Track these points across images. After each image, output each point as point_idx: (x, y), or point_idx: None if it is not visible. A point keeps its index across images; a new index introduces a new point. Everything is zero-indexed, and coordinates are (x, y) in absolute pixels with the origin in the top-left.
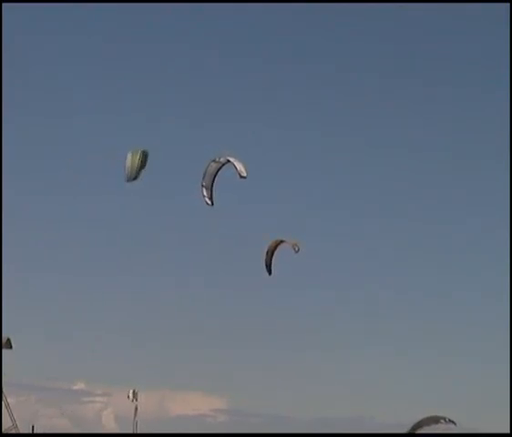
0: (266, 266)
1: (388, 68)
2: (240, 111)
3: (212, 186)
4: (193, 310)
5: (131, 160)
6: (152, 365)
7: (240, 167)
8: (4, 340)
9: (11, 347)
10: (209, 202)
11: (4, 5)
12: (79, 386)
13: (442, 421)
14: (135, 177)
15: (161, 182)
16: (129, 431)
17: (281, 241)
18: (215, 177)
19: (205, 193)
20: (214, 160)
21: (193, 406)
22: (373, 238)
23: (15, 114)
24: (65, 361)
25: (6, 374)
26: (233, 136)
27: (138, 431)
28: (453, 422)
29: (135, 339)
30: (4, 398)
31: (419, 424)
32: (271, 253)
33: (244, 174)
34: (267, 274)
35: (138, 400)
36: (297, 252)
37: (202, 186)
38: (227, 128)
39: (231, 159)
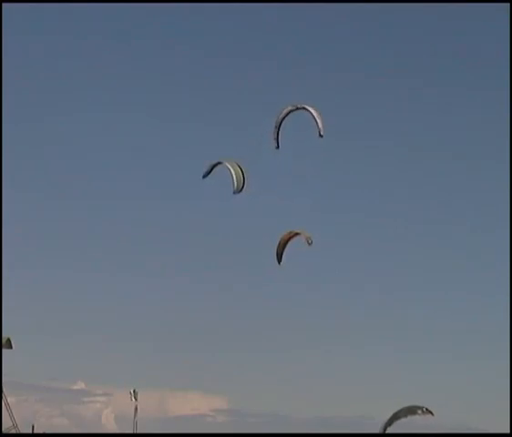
0: (277, 255)
1: (388, 68)
2: (242, 110)
3: (280, 128)
4: (193, 311)
5: (236, 173)
6: (152, 365)
7: (320, 123)
8: (4, 340)
9: (11, 347)
10: (275, 143)
11: (4, 4)
12: (79, 386)
13: (419, 411)
14: (241, 189)
15: (162, 182)
16: (129, 430)
17: (296, 234)
18: (283, 119)
19: (274, 135)
20: (292, 105)
21: (193, 406)
22: (373, 238)
23: (14, 113)
24: (65, 361)
25: (6, 374)
26: (234, 136)
27: (138, 431)
28: (430, 413)
29: (135, 339)
30: (4, 398)
31: (396, 415)
32: (283, 243)
33: (323, 132)
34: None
35: (138, 400)
36: (310, 245)
37: (275, 127)
38: (228, 129)
39: (313, 112)
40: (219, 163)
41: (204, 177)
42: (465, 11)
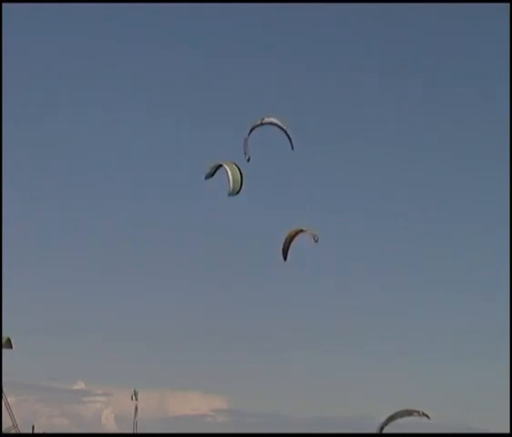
0: (283, 251)
1: (389, 68)
2: (242, 111)
3: (247, 141)
4: (193, 312)
5: (233, 175)
6: (152, 365)
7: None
8: (4, 340)
9: (11, 347)
10: (246, 156)
11: (4, 5)
12: (79, 386)
13: (415, 414)
14: (238, 192)
15: (162, 183)
16: (129, 430)
17: (301, 230)
18: (252, 129)
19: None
20: (263, 118)
21: (193, 406)
22: (373, 238)
23: (14, 113)
24: (65, 361)
25: (6, 374)
26: (234, 136)
27: (138, 431)
28: (426, 416)
29: (135, 339)
30: (4, 398)
31: (394, 416)
32: (289, 240)
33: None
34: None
35: (138, 400)
36: (316, 242)
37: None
38: (228, 129)
39: (284, 127)
40: (220, 165)
41: (206, 178)
42: (465, 11)
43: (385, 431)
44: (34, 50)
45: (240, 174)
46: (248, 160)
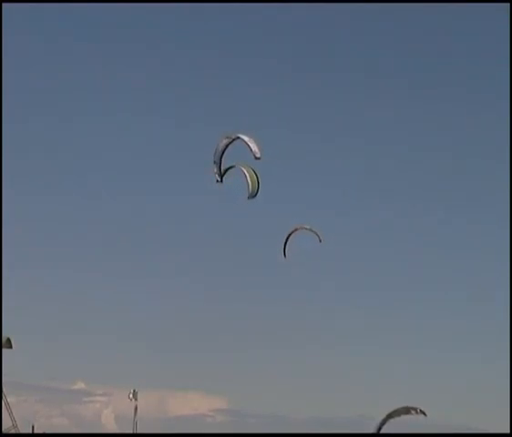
0: (284, 248)
1: (389, 68)
2: (243, 112)
3: (221, 162)
4: (193, 311)
5: (252, 178)
6: (152, 365)
7: (254, 147)
8: (4, 340)
9: (11, 347)
10: (218, 179)
11: (4, 5)
12: (79, 386)
13: (413, 411)
14: (255, 195)
15: (162, 183)
16: (129, 430)
17: (304, 228)
18: (223, 152)
19: (215, 170)
20: (226, 136)
21: (193, 406)
22: (373, 238)
23: (14, 113)
24: (65, 361)
25: (6, 374)
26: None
27: (138, 431)
28: (423, 413)
29: (135, 339)
30: (4, 398)
31: (391, 415)
32: (288, 235)
33: (259, 155)
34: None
35: (138, 399)
36: (320, 242)
37: (214, 162)
38: (230, 130)
39: (245, 138)
40: (232, 166)
41: (218, 181)
42: (465, 11)
43: (384, 429)
44: (34, 50)
45: (257, 176)
46: (217, 181)
